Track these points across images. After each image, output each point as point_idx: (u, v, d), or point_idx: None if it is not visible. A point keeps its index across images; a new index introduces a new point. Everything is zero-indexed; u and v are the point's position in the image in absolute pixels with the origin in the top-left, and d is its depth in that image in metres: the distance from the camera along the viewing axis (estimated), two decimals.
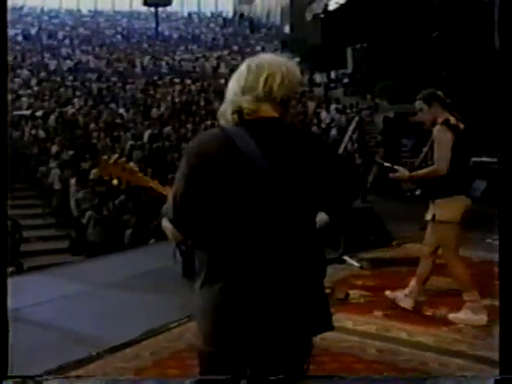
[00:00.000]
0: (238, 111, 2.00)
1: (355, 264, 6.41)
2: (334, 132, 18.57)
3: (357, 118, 10.16)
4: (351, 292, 5.39)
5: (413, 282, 5.03)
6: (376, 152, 12.96)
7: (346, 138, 8.47)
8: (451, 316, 4.76)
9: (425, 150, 4.76)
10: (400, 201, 12.03)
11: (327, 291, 5.64)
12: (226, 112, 2.04)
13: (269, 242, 1.94)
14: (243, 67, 2.09)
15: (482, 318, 4.58)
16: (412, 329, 4.54)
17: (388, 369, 3.83)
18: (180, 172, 1.99)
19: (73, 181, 13.33)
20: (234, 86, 2.08)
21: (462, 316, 4.68)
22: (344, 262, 6.51)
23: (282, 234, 1.94)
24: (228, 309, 1.95)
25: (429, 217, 4.69)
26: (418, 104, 4.76)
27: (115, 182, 2.40)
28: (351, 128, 8.72)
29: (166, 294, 5.36)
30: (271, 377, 2.06)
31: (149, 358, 4.06)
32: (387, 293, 5.17)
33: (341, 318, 4.78)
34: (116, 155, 2.64)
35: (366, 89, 22.96)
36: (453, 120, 4.61)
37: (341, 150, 10.63)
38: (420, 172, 4.63)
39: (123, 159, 2.48)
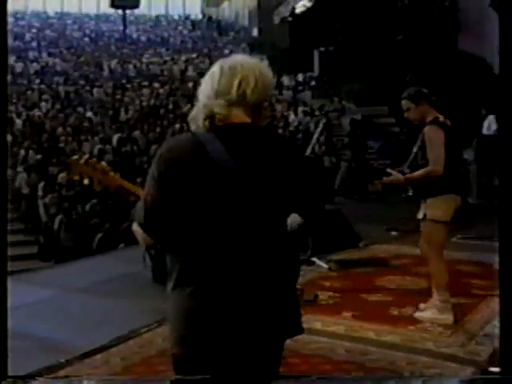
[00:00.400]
0: (210, 116, 1.98)
1: (324, 265, 6.47)
2: (301, 135, 18.67)
3: (324, 121, 10.21)
4: (320, 293, 5.44)
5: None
6: (343, 154, 13.06)
7: (314, 141, 8.52)
8: (417, 314, 4.80)
9: (414, 150, 4.70)
10: (367, 202, 12.20)
11: (296, 293, 5.65)
12: (197, 117, 2.01)
13: (239, 247, 1.95)
14: (216, 69, 2.06)
15: (448, 318, 4.62)
16: (380, 328, 4.60)
17: (357, 369, 3.87)
18: (150, 176, 1.98)
19: (41, 185, 13.18)
20: (206, 88, 2.06)
21: (428, 315, 4.72)
22: (313, 263, 6.57)
23: (252, 239, 1.95)
24: (199, 312, 1.95)
25: (420, 216, 4.66)
26: (405, 103, 4.70)
27: (86, 181, 2.38)
28: (318, 130, 8.77)
29: (136, 299, 5.34)
30: (245, 380, 2.08)
31: (119, 364, 4.04)
32: (416, 314, 4.86)
33: (310, 320, 4.81)
34: (87, 155, 2.63)
35: (333, 91, 23.12)
36: (441, 118, 4.59)
37: (308, 152, 10.68)
38: (415, 174, 4.58)
39: (94, 159, 2.47)
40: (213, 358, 2.00)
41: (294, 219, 2.12)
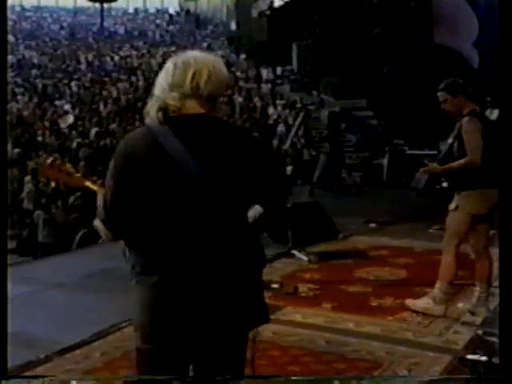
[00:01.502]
0: (164, 109, 2.01)
1: (303, 258, 6.50)
2: (281, 128, 18.70)
3: (302, 114, 10.26)
4: (300, 286, 5.48)
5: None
6: (322, 147, 13.11)
7: (292, 133, 8.56)
8: (409, 302, 4.79)
9: (449, 141, 4.61)
10: (346, 195, 12.26)
11: (276, 286, 5.72)
12: (151, 110, 2.04)
13: (199, 237, 1.96)
14: (170, 64, 2.09)
15: (440, 309, 4.60)
16: (359, 319, 4.65)
17: (337, 359, 3.91)
18: (109, 173, 2.02)
19: (27, 179, 13.05)
20: (161, 82, 2.08)
21: (421, 304, 4.70)
22: (292, 256, 6.60)
23: (211, 229, 1.97)
24: (163, 304, 1.97)
25: (452, 206, 4.55)
26: (442, 95, 4.57)
27: (53, 184, 2.42)
28: (297, 123, 8.81)
29: (116, 294, 5.30)
30: (211, 373, 2.09)
31: (99, 359, 4.03)
32: (408, 302, 4.85)
33: (290, 312, 4.86)
34: (51, 158, 2.65)
35: (311, 84, 23.17)
36: (478, 110, 4.54)
37: (287, 145, 10.73)
38: (453, 164, 4.46)
39: (58, 161, 2.47)
40: (178, 352, 2.02)
41: (255, 210, 2.12)
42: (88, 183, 2.39)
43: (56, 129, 17.54)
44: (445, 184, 4.66)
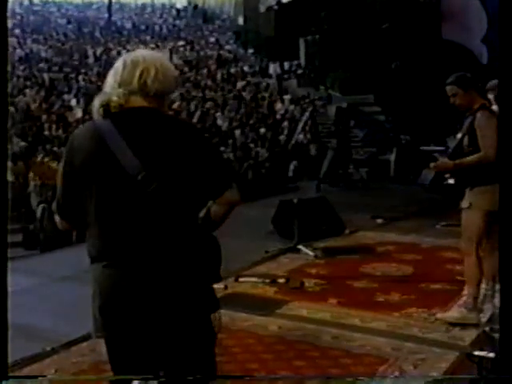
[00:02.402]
0: (105, 104, 2.07)
1: (309, 253, 6.50)
2: (287, 123, 18.68)
3: (310, 109, 10.24)
4: (306, 281, 5.47)
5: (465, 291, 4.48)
6: (329, 142, 13.10)
7: (299, 129, 8.55)
8: (441, 316, 4.49)
9: (459, 136, 4.48)
10: (352, 190, 12.25)
11: (282, 280, 5.72)
12: (94, 106, 2.11)
13: (138, 226, 2.00)
14: (119, 62, 2.15)
15: (476, 316, 4.34)
16: (365, 315, 4.64)
17: (343, 355, 3.91)
18: (61, 166, 2.10)
19: (31, 175, 13.09)
20: (110, 80, 2.14)
21: (454, 314, 4.40)
22: (298, 251, 6.60)
23: (149, 219, 2.00)
24: (108, 291, 2.03)
25: (465, 205, 4.36)
26: (452, 89, 4.41)
27: (43, 180, 2.48)
28: (304, 119, 8.79)
29: None
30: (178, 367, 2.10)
31: (105, 352, 4.04)
32: (439, 316, 4.55)
33: (296, 307, 4.86)
34: (41, 155, 2.70)
35: (318, 80, 23.12)
36: (488, 104, 4.41)
37: (294, 141, 10.72)
38: (466, 160, 4.29)
39: (47, 159, 2.54)
40: (127, 340, 2.06)
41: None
42: None
43: (63, 123, 17.56)
44: (451, 180, 4.51)
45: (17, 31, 32.88)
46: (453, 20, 14.68)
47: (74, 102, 20.48)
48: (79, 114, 18.84)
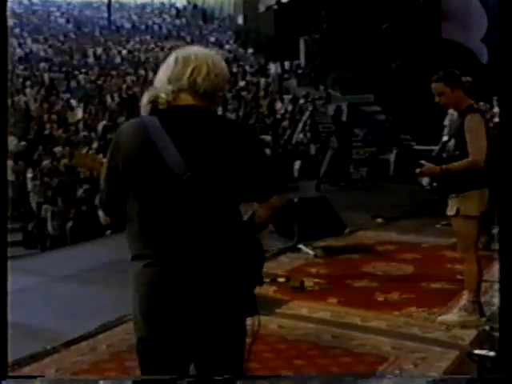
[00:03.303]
0: (153, 101, 2.05)
1: (310, 252, 6.50)
2: (287, 122, 18.67)
3: (310, 108, 10.24)
4: (306, 280, 5.47)
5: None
6: (329, 141, 13.10)
7: (299, 128, 8.55)
8: (441, 319, 4.43)
9: (445, 139, 4.33)
10: (352, 190, 12.26)
11: (282, 280, 5.72)
12: (143, 102, 2.09)
13: (182, 226, 1.98)
14: (171, 58, 2.12)
15: (477, 319, 4.28)
16: (365, 314, 4.65)
17: (343, 354, 3.91)
18: (106, 162, 2.10)
19: (29, 173, 13.08)
20: (161, 76, 2.12)
21: (456, 318, 4.34)
22: (299, 250, 6.60)
23: (194, 219, 1.98)
24: (150, 292, 2.00)
25: (452, 212, 4.23)
26: (439, 86, 4.20)
27: (87, 172, 2.54)
28: (304, 118, 8.79)
29: (122, 287, 5.31)
30: (208, 366, 2.09)
31: (106, 351, 4.05)
32: (440, 319, 4.50)
33: (296, 306, 4.87)
34: (86, 148, 2.74)
35: (319, 79, 23.12)
36: (476, 104, 4.24)
37: (294, 140, 10.73)
38: (453, 165, 4.11)
39: (92, 151, 2.59)
40: (168, 339, 2.03)
41: (251, 206, 2.13)
42: None
43: (63, 122, 17.56)
44: (427, 185, 4.37)
45: (16, 31, 32.89)
46: (453, 19, 14.67)
47: (74, 101, 20.46)
48: (80, 114, 18.85)
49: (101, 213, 2.15)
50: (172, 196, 1.98)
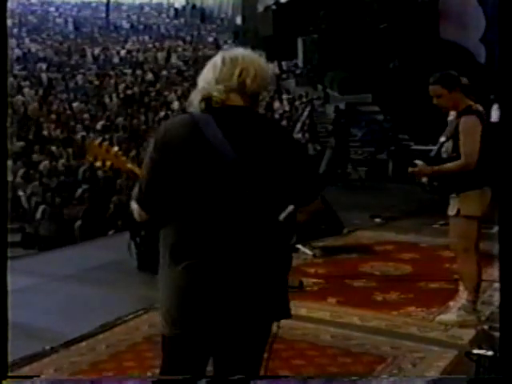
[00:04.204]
0: (207, 99, 2.07)
1: (308, 252, 6.50)
2: (285, 122, 18.67)
3: (308, 108, 10.25)
4: (305, 280, 5.47)
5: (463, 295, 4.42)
6: (327, 142, 13.10)
7: (298, 128, 8.56)
8: (440, 319, 4.44)
9: (442, 140, 4.30)
10: (351, 190, 12.26)
11: None
12: (194, 100, 2.10)
13: (230, 224, 2.00)
14: (218, 58, 2.15)
15: (477, 317, 4.32)
16: (364, 314, 4.66)
17: (342, 354, 3.92)
18: (147, 155, 2.08)
19: (20, 173, 13.06)
20: (207, 75, 2.14)
21: (455, 317, 4.35)
22: (297, 250, 6.60)
23: (242, 218, 2.01)
24: (191, 289, 2.01)
25: (453, 212, 4.24)
26: (437, 89, 4.19)
27: (99, 163, 2.52)
28: (302, 118, 8.79)
29: (121, 287, 5.34)
30: (229, 364, 2.12)
31: (105, 352, 4.05)
32: (438, 318, 4.51)
33: (295, 306, 4.79)
34: (100, 138, 2.75)
35: (317, 79, 23.12)
36: (474, 105, 4.21)
37: None
38: (445, 167, 4.15)
39: (107, 142, 2.59)
40: (203, 338, 2.05)
41: (287, 209, 2.14)
42: (131, 166, 2.53)
43: (61, 122, 17.55)
44: (435, 183, 4.35)
45: (15, 31, 32.85)
46: (451, 19, 14.69)
47: (72, 101, 20.44)
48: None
49: (136, 207, 2.11)
50: (223, 193, 2.00)
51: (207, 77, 2.13)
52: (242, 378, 2.12)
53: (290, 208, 2.11)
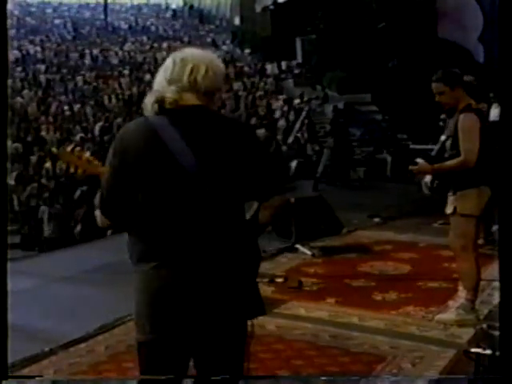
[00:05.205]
0: (160, 101, 2.06)
1: (307, 252, 6.50)
2: (284, 122, 18.67)
3: (307, 108, 10.27)
4: (304, 280, 5.48)
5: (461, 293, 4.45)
6: (326, 141, 13.10)
7: (296, 128, 8.55)
8: (439, 318, 4.44)
9: (442, 138, 4.32)
10: (350, 189, 12.26)
11: (280, 280, 5.72)
12: (148, 103, 2.10)
13: (193, 226, 1.99)
14: (169, 61, 2.15)
15: (475, 317, 4.31)
16: (363, 314, 4.65)
17: (341, 354, 3.92)
18: (107, 163, 2.09)
19: (13, 175, 13.05)
20: (159, 78, 2.14)
21: (453, 316, 4.36)
22: (296, 250, 6.61)
23: (204, 218, 1.99)
24: (159, 293, 2.00)
25: (450, 210, 4.26)
26: (439, 86, 4.22)
27: (72, 169, 2.51)
28: (301, 118, 8.79)
29: (120, 288, 5.30)
30: (210, 365, 2.10)
31: (104, 353, 4.05)
32: (438, 317, 4.50)
33: (294, 306, 4.87)
34: (73, 144, 2.73)
35: (315, 79, 23.11)
36: (474, 104, 4.25)
37: (291, 140, 10.75)
38: (445, 164, 4.17)
39: (79, 148, 2.57)
40: (175, 341, 2.03)
41: (251, 206, 2.14)
42: (103, 170, 2.46)
43: (60, 124, 17.56)
44: (436, 182, 4.34)
45: (13, 32, 32.82)
46: (449, 19, 14.72)
47: (71, 102, 20.43)
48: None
49: (98, 213, 2.13)
50: (185, 195, 1.99)
51: (160, 79, 2.13)
52: (226, 378, 2.10)
53: (255, 205, 2.11)
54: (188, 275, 1.98)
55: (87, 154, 2.54)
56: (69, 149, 2.53)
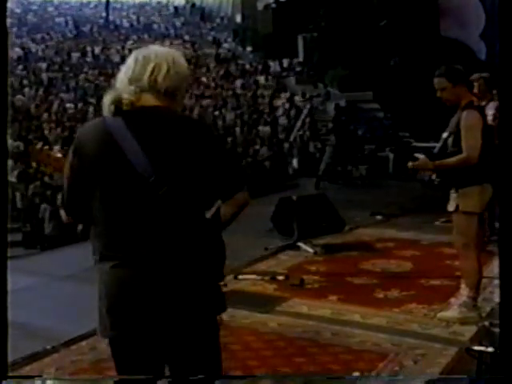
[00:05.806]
0: (117, 101, 2.03)
1: (309, 250, 6.50)
2: (285, 120, 18.67)
3: (308, 106, 10.25)
4: (306, 277, 5.47)
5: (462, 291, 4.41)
6: (328, 139, 13.10)
7: (298, 126, 8.56)
8: (441, 316, 4.42)
9: (445, 135, 4.29)
10: (352, 187, 12.26)
11: (282, 277, 5.71)
12: (105, 103, 2.06)
13: (147, 226, 1.97)
14: (131, 59, 2.10)
15: (478, 314, 4.30)
16: (365, 311, 4.65)
17: (343, 351, 3.91)
18: (67, 162, 2.08)
19: (15, 173, 13.06)
20: (121, 77, 2.10)
21: (456, 314, 4.34)
22: (298, 248, 6.60)
23: (159, 219, 1.97)
24: (117, 291, 1.99)
25: (452, 208, 4.24)
26: (441, 82, 4.20)
27: (42, 168, 2.53)
28: (303, 116, 8.79)
29: None
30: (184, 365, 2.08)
31: (105, 350, 4.00)
32: (440, 315, 4.49)
33: (296, 304, 4.87)
34: (40, 143, 2.73)
35: (317, 77, 23.11)
36: (476, 101, 4.26)
37: (292, 137, 10.76)
38: (447, 161, 4.14)
39: (47, 147, 2.58)
40: (136, 340, 2.02)
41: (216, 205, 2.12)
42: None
43: (62, 122, 17.57)
44: (435, 181, 4.33)
45: (14, 30, 32.84)
46: (451, 16, 14.68)
47: (73, 100, 20.44)
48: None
49: (62, 212, 2.15)
50: (137, 197, 1.97)
51: (121, 78, 2.09)
52: (201, 378, 2.08)
53: (218, 203, 2.09)
54: (146, 274, 1.97)
55: (56, 153, 2.55)
56: (38, 148, 2.55)
